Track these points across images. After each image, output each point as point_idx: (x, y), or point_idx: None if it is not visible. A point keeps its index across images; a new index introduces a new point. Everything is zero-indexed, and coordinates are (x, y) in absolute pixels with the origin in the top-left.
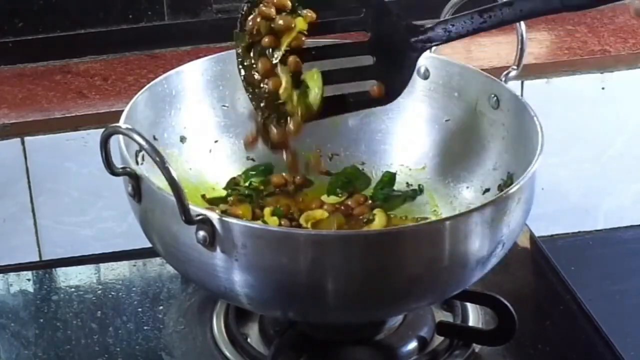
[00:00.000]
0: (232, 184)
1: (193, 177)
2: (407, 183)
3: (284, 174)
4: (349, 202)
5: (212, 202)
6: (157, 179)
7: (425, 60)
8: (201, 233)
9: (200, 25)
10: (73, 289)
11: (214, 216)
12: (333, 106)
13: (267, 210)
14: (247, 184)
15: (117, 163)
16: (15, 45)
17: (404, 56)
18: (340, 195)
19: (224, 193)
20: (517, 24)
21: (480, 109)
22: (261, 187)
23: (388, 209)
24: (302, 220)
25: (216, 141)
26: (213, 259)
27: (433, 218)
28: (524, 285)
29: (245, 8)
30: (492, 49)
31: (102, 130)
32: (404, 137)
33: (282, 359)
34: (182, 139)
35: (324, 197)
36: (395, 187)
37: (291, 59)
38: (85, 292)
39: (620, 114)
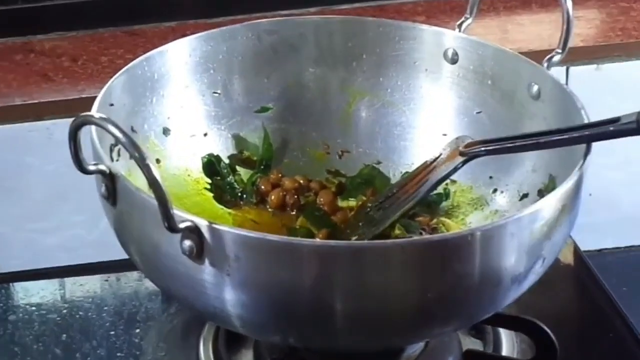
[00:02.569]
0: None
1: (177, 174)
2: None
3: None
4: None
5: None
6: (135, 178)
7: (453, 41)
8: (187, 242)
9: None
10: (34, 308)
11: (202, 223)
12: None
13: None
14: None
15: (89, 159)
16: None
17: None
18: (357, 198)
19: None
20: None
21: (517, 100)
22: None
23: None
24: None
25: (205, 134)
26: (201, 274)
27: (461, 228)
28: (567, 308)
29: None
30: (532, 29)
31: (71, 119)
32: (428, 131)
33: None
34: (166, 131)
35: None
36: None
37: None
38: (48, 311)
39: None
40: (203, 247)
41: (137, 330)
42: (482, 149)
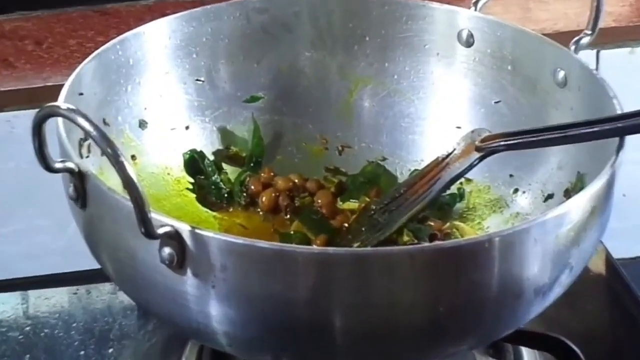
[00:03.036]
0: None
1: (156, 173)
2: None
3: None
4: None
5: None
6: (108, 178)
7: (468, 21)
8: (167, 250)
9: None
10: None
11: (184, 228)
12: None
13: None
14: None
15: (55, 155)
16: None
17: None
18: (359, 200)
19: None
20: None
21: (541, 87)
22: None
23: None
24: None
25: (187, 127)
26: (182, 285)
27: (477, 233)
28: (598, 324)
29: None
30: (558, 8)
31: (35, 111)
32: (439, 123)
33: None
34: (142, 124)
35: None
36: None
37: None
38: (9, 328)
39: None
40: (185, 255)
41: (110, 350)
42: (502, 143)
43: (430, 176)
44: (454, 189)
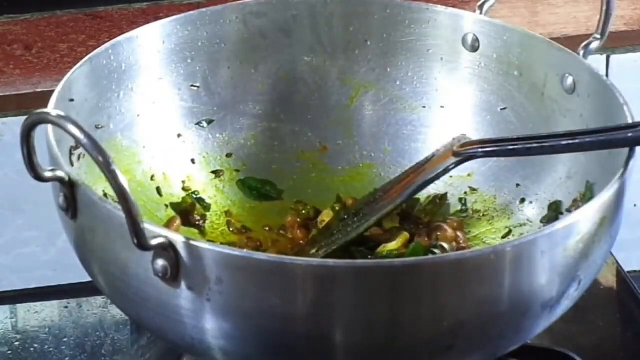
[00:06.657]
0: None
1: (149, 183)
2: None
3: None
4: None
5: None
6: (99, 186)
7: (473, 25)
8: (160, 262)
9: None
10: None
11: (178, 239)
12: None
13: None
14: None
15: (45, 164)
16: None
17: None
18: None
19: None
20: None
21: (549, 94)
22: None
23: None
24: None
25: (179, 135)
26: (176, 299)
27: (482, 245)
28: (608, 339)
29: None
30: (567, 11)
31: (24, 118)
32: (443, 131)
33: None
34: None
35: None
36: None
37: None
38: None
39: None
40: (179, 267)
41: None
42: (479, 150)
43: (407, 181)
44: (456, 198)
